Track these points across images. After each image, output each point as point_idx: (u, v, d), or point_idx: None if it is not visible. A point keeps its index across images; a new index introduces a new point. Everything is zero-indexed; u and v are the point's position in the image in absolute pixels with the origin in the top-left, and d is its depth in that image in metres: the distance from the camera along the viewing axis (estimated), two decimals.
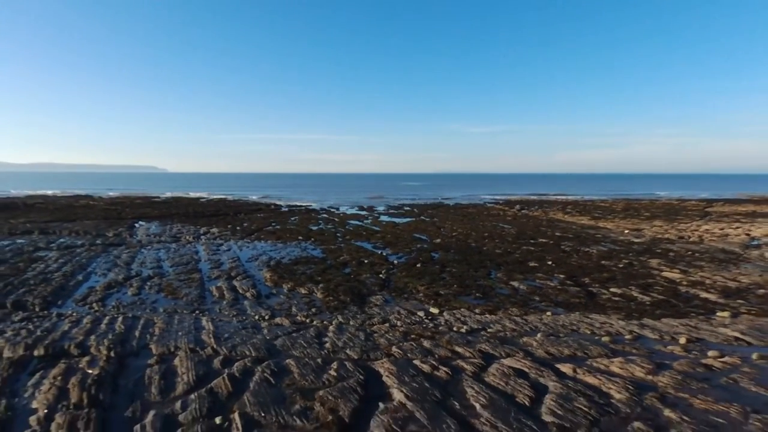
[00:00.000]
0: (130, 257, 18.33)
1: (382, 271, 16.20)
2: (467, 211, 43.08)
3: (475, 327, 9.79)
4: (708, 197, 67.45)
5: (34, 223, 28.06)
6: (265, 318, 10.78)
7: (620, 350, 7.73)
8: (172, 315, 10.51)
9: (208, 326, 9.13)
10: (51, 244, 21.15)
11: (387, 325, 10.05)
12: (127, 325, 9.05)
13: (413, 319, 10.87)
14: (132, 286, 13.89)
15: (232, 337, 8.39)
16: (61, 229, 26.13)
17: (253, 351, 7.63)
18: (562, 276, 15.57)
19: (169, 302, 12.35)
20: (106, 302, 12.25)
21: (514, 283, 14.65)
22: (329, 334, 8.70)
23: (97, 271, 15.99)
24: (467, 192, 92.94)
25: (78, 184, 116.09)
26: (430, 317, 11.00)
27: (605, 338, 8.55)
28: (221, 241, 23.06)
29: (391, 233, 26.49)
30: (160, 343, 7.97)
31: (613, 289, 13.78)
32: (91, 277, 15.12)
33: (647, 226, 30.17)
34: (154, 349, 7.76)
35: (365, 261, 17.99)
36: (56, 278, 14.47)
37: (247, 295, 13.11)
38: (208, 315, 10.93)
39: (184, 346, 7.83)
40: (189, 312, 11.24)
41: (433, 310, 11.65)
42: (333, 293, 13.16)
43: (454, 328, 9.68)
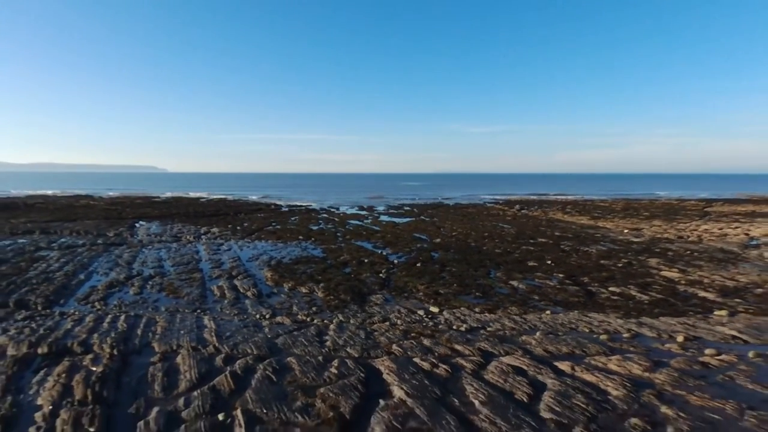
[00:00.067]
0: (131, 257, 18.40)
1: (382, 271, 16.27)
2: (467, 211, 43.13)
3: (475, 325, 9.86)
4: (707, 197, 67.53)
5: (35, 223, 28.13)
6: (266, 317, 10.85)
7: (618, 348, 7.80)
8: (173, 314, 10.58)
9: (210, 325, 9.20)
10: (52, 243, 21.21)
11: (387, 324, 10.12)
12: (129, 324, 9.12)
13: (413, 317, 10.94)
14: (134, 285, 13.96)
15: (234, 336, 8.46)
16: (62, 229, 26.20)
17: (255, 349, 7.69)
18: (561, 275, 15.64)
19: (171, 301, 12.42)
20: (108, 301, 12.32)
21: (514, 283, 14.72)
22: (330, 333, 8.78)
23: (99, 270, 16.05)
24: (467, 192, 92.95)
25: (78, 184, 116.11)
26: (430, 316, 11.07)
27: (603, 336, 8.62)
28: (222, 241, 23.12)
29: (391, 233, 26.55)
30: (163, 342, 8.05)
31: (612, 288, 13.85)
32: (93, 277, 15.19)
33: (646, 225, 30.23)
34: (157, 347, 7.83)
35: (365, 260, 18.06)
36: (58, 277, 14.54)
37: (248, 294, 13.18)
38: (210, 314, 11.00)
39: (187, 344, 7.91)
40: (190, 311, 11.31)
41: (433, 309, 11.72)
42: (333, 292, 13.23)
43: (454, 327, 9.75)
